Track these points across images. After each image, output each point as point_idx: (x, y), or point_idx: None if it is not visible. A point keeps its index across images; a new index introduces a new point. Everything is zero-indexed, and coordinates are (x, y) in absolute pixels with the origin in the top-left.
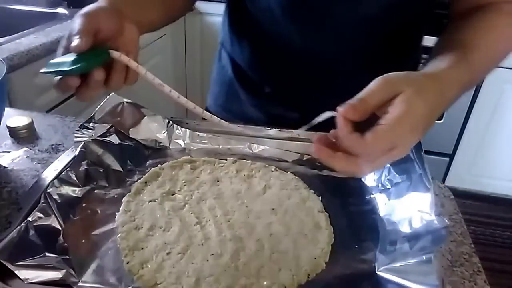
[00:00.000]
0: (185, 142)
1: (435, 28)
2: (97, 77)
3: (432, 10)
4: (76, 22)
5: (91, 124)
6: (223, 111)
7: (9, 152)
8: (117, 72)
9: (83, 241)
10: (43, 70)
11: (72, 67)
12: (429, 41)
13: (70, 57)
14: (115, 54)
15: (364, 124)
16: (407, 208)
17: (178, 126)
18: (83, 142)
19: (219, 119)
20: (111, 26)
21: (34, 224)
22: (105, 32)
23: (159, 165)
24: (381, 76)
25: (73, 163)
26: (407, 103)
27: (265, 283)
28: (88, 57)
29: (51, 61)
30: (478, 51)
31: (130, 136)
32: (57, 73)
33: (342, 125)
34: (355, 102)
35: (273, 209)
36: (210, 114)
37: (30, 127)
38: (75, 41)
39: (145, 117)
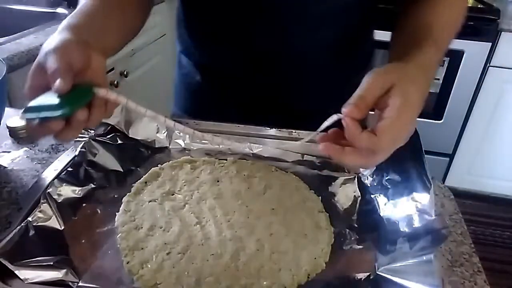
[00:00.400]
0: (185, 142)
1: (385, 23)
2: (81, 117)
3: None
4: (50, 60)
5: None
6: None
7: (9, 152)
8: (98, 109)
9: (83, 241)
10: (24, 115)
11: (60, 112)
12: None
13: (51, 99)
14: (101, 92)
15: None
16: (407, 208)
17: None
18: (83, 142)
19: (212, 135)
20: (81, 60)
21: (34, 224)
22: (77, 67)
23: (159, 165)
24: (371, 72)
25: (73, 163)
26: (404, 94)
27: (265, 283)
28: (72, 97)
29: (31, 105)
30: (441, 30)
31: (130, 136)
32: (41, 119)
33: (352, 126)
34: (356, 101)
35: (273, 209)
36: (202, 134)
37: None
38: (57, 82)
39: (145, 117)
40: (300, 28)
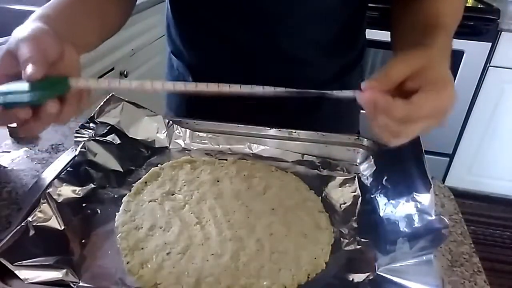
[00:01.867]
0: (185, 142)
1: (377, 22)
2: (51, 110)
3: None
4: (23, 48)
5: (91, 124)
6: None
7: (9, 152)
8: (71, 104)
9: (83, 241)
10: None
11: (28, 98)
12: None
13: (21, 86)
14: (80, 82)
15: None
16: (407, 208)
17: (178, 126)
18: (83, 142)
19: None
20: (55, 50)
21: (34, 224)
22: (51, 57)
23: (159, 165)
24: (397, 56)
25: (73, 163)
26: (437, 74)
27: (265, 283)
28: (43, 86)
29: None
30: (447, 17)
31: (130, 136)
32: (7, 104)
33: (379, 96)
34: (379, 77)
35: (273, 209)
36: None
37: None
38: (29, 69)
39: (145, 117)
40: (288, 27)
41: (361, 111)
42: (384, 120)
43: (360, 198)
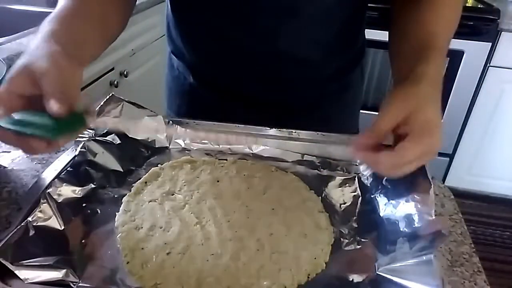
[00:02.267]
0: (185, 142)
1: (377, 21)
2: (62, 144)
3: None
4: (47, 80)
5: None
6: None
7: (9, 152)
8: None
9: (83, 241)
10: (5, 125)
11: (51, 135)
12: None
13: (41, 119)
14: (96, 123)
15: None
16: (407, 208)
17: (178, 126)
18: (83, 142)
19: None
20: (75, 83)
21: (34, 224)
22: (70, 89)
23: (159, 165)
24: (389, 96)
25: (73, 163)
26: (422, 122)
27: (265, 283)
28: (64, 125)
29: (17, 117)
30: (443, 35)
31: (130, 136)
32: (24, 133)
33: (367, 155)
34: (369, 132)
35: (273, 209)
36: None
37: None
38: (55, 106)
39: (145, 117)
40: (289, 27)
41: (361, 110)
42: (374, 168)
43: (360, 198)
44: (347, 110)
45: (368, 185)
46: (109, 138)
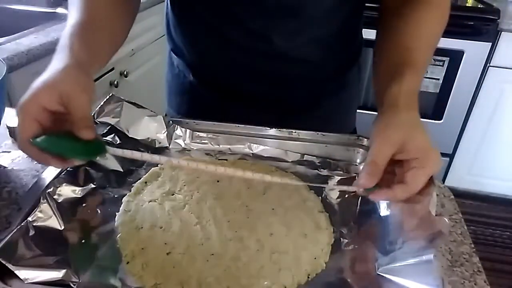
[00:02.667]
0: (185, 142)
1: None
2: (76, 163)
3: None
4: (77, 105)
5: None
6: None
7: (9, 152)
8: None
9: (83, 241)
10: (36, 140)
11: (77, 157)
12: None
13: (69, 141)
14: (115, 152)
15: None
16: (407, 208)
17: (178, 126)
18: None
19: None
20: (93, 102)
21: (34, 224)
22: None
23: (159, 165)
24: (376, 135)
25: None
26: (419, 150)
27: (265, 283)
28: (89, 148)
29: (47, 136)
30: (419, 52)
31: (130, 136)
32: (48, 150)
33: (380, 195)
34: (369, 169)
35: (273, 209)
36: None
37: None
38: (84, 132)
39: (145, 117)
40: (289, 28)
41: (361, 110)
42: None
43: (360, 198)
44: (345, 108)
45: None
46: (109, 138)
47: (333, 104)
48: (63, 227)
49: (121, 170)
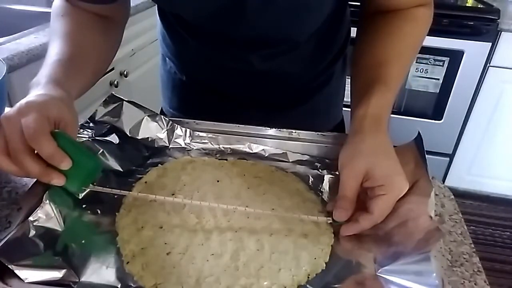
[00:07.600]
0: (185, 142)
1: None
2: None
3: None
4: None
5: (91, 124)
6: (181, 114)
7: None
8: None
9: (83, 241)
10: (59, 131)
11: (70, 187)
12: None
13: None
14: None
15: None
16: (407, 208)
17: (178, 126)
18: (83, 142)
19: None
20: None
21: (34, 224)
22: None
23: (159, 165)
24: (343, 166)
25: None
26: (382, 171)
27: (265, 283)
28: (83, 176)
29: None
30: (391, 66)
31: (130, 136)
32: (65, 148)
33: (349, 229)
34: (341, 204)
35: (273, 209)
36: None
37: None
38: (63, 163)
39: (145, 117)
40: (271, 52)
41: (344, 109)
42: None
43: None
44: (332, 100)
45: None
46: (109, 138)
47: (320, 97)
48: (63, 227)
49: (121, 170)
